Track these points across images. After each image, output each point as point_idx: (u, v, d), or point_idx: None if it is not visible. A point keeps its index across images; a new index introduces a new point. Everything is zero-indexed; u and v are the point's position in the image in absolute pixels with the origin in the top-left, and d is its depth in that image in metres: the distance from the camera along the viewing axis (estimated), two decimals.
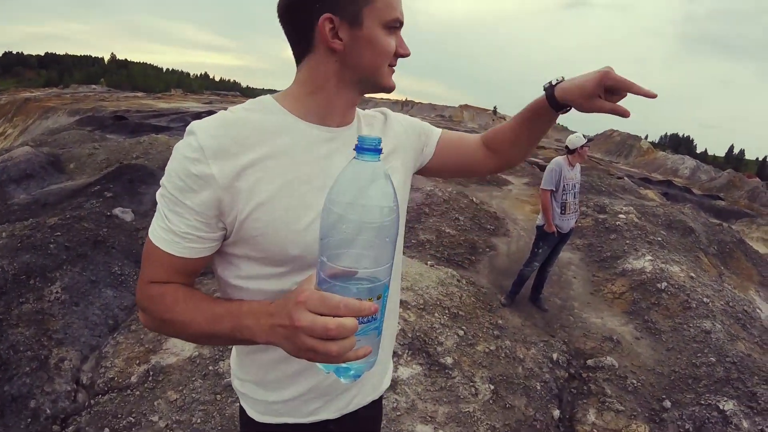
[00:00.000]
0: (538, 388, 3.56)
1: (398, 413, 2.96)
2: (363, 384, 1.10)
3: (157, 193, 0.84)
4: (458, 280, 4.85)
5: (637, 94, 0.94)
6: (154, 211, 0.86)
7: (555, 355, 4.01)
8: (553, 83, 1.04)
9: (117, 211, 5.80)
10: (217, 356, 3.38)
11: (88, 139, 14.05)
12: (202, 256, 0.85)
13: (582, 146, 4.55)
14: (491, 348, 3.80)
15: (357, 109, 1.03)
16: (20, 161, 9.65)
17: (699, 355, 4.52)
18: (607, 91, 0.96)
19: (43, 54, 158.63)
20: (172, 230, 0.81)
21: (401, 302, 3.86)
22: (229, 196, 0.80)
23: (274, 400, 1.03)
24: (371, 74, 0.92)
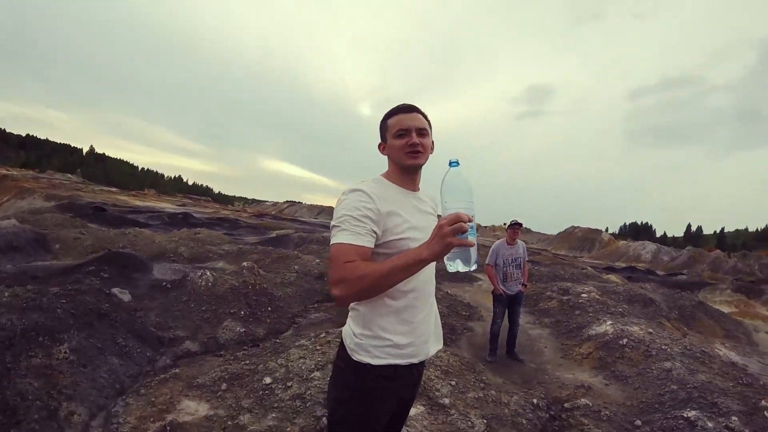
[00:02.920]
0: (524, 423, 4.19)
1: None
2: (430, 342, 1.89)
3: (337, 221, 1.62)
4: (444, 351, 5.54)
5: None
6: (149, 296, 1.73)
7: (535, 401, 4.66)
8: None
9: (115, 290, 6.25)
10: (233, 414, 3.87)
11: (70, 225, 14.55)
12: (371, 248, 1.62)
13: (508, 228, 6.37)
14: (480, 395, 4.46)
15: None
16: (6, 233, 10.05)
17: (662, 387, 5.26)
18: None
19: (24, 135, 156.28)
20: (359, 233, 1.58)
21: None
22: (381, 220, 1.66)
23: (389, 344, 1.72)
24: (399, 160, 1.81)
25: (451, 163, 1.56)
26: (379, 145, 1.90)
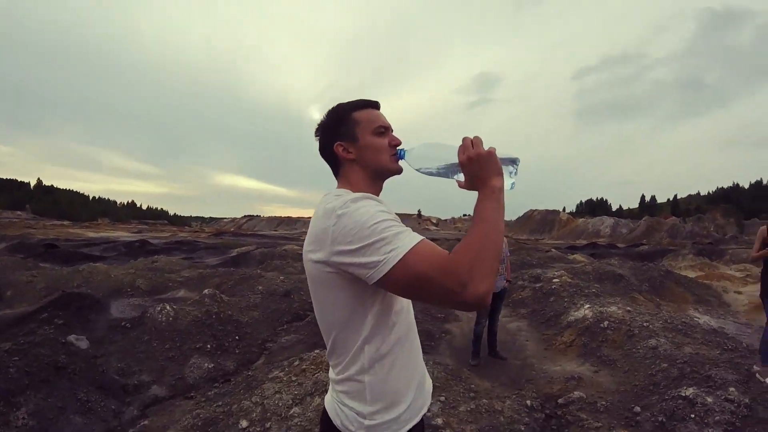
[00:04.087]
0: (522, 429, 4.02)
1: None
2: (427, 381, 1.53)
3: (379, 234, 1.13)
4: (426, 361, 5.35)
5: None
6: (108, 339, 1.37)
7: (529, 402, 4.49)
8: None
9: (72, 338, 5.79)
10: None
11: (21, 267, 13.82)
12: None
13: None
14: (471, 407, 4.24)
15: None
16: None
17: (653, 366, 5.18)
18: None
19: None
20: (411, 230, 1.20)
21: None
22: None
23: (404, 409, 1.37)
24: (378, 165, 1.43)
25: (401, 153, 1.43)
26: (337, 146, 1.45)
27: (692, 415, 4.03)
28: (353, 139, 1.43)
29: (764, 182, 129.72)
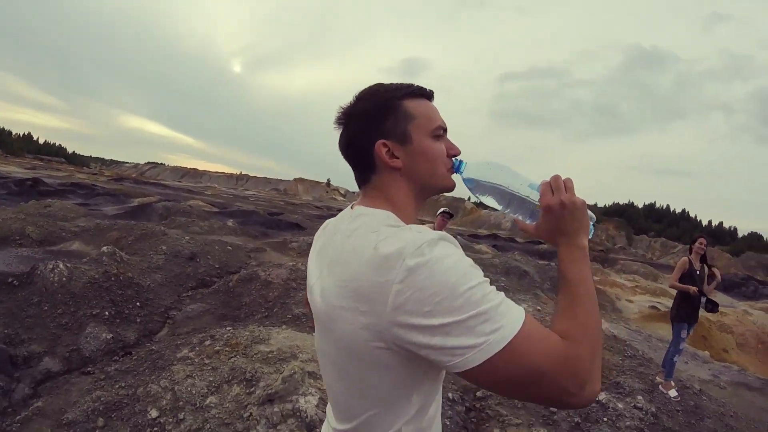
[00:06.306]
0: (447, 423, 4.09)
1: None
2: None
3: (475, 295, 0.79)
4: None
5: None
6: None
7: (450, 395, 4.60)
8: None
9: None
10: None
11: None
12: None
13: (438, 216, 6.86)
14: None
15: None
16: None
17: None
18: None
19: None
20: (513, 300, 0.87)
21: (309, 373, 4.03)
22: None
23: None
24: (431, 180, 1.06)
25: (458, 166, 1.09)
26: (379, 145, 1.03)
27: (605, 419, 4.30)
28: (404, 140, 1.04)
29: (657, 205, 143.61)
